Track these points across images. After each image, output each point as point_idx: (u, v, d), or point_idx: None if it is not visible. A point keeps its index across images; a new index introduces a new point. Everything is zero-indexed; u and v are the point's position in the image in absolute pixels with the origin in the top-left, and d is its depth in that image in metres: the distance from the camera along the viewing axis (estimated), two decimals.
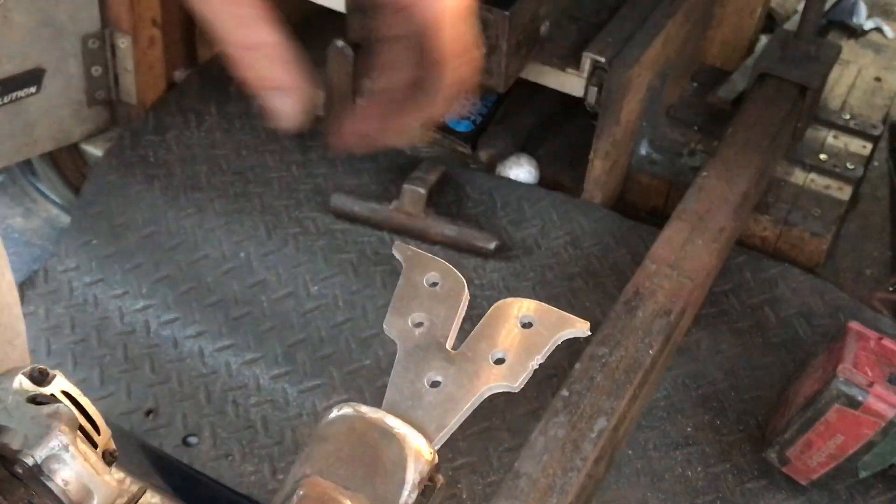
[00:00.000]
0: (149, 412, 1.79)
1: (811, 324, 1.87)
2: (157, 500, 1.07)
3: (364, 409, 0.80)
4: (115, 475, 0.80)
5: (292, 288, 1.94)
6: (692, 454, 1.69)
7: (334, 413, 0.80)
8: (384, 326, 0.86)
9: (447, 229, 1.97)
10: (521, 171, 2.13)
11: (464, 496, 1.65)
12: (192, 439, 1.75)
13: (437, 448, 0.80)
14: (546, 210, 2.04)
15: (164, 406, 1.79)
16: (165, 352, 1.87)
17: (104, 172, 2.12)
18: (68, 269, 1.99)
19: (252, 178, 2.13)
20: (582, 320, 0.84)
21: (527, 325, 0.85)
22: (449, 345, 0.85)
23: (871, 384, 1.50)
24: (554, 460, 1.29)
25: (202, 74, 2.28)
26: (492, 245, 1.95)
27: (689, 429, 1.73)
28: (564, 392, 1.39)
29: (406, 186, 1.99)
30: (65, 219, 2.17)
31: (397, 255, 0.89)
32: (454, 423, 0.81)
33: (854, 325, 1.62)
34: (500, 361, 0.83)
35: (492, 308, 0.86)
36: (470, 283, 0.89)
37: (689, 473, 1.67)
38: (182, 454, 1.73)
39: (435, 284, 0.87)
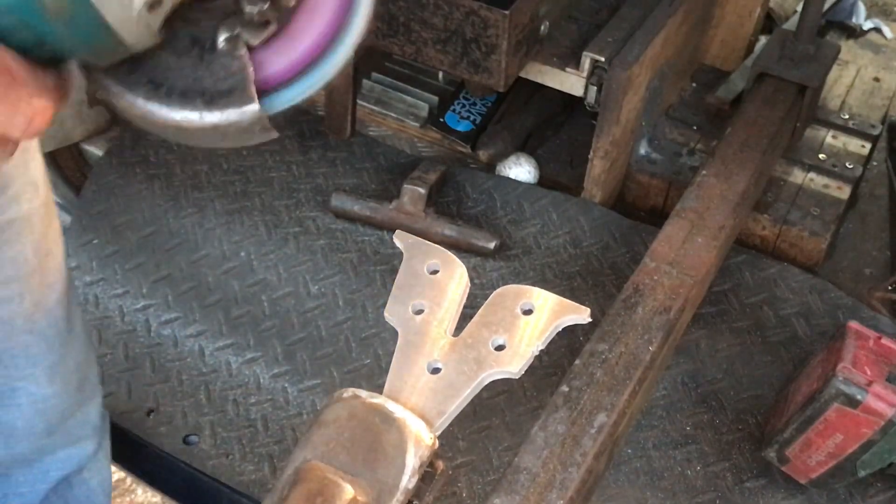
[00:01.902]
0: (149, 411, 1.79)
1: (810, 323, 1.86)
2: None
3: (365, 394, 0.80)
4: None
5: (292, 287, 1.94)
6: (691, 453, 1.69)
7: (335, 399, 0.80)
8: (385, 313, 0.86)
9: (447, 229, 1.97)
10: (521, 170, 2.13)
11: (464, 495, 1.65)
12: (193, 438, 1.75)
13: (437, 434, 0.80)
14: (546, 209, 2.04)
15: (164, 405, 1.79)
16: (166, 351, 1.87)
17: (105, 172, 2.13)
18: (69, 268, 1.99)
19: (252, 177, 2.13)
20: (582, 307, 0.84)
21: (527, 312, 0.85)
22: (449, 331, 0.85)
23: (869, 383, 1.49)
24: (554, 455, 1.29)
25: None
26: (492, 244, 1.95)
27: (688, 428, 1.73)
28: (564, 388, 1.38)
29: (406, 186, 1.99)
30: (65, 218, 2.17)
31: (398, 244, 0.89)
32: (454, 408, 0.81)
33: (853, 324, 1.61)
34: (500, 348, 0.83)
35: (492, 295, 0.87)
36: (470, 282, 0.89)
37: (689, 472, 1.67)
38: (182, 453, 1.73)
39: (435, 272, 0.88)
